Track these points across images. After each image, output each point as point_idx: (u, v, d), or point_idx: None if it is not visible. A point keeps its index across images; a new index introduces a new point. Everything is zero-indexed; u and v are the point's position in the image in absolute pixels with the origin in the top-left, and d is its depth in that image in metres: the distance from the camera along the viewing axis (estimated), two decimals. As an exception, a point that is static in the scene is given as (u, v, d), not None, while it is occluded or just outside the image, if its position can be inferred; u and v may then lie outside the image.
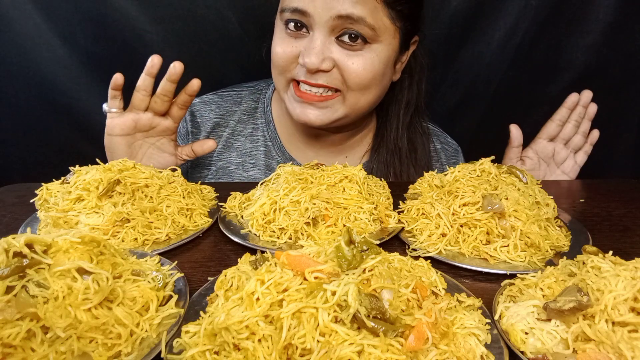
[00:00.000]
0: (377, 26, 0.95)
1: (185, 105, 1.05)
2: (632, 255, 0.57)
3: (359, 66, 0.97)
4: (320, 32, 0.95)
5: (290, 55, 0.99)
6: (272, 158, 1.20)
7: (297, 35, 0.99)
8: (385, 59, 1.00)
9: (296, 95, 1.02)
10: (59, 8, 1.34)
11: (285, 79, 1.03)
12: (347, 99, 1.01)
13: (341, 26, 0.94)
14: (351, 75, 0.98)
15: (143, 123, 1.02)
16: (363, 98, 1.03)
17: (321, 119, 1.03)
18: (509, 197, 0.75)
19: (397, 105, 1.16)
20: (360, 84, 0.99)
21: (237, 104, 1.22)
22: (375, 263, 0.50)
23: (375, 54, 0.98)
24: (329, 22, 0.93)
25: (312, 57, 0.94)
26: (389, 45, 1.00)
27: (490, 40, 1.47)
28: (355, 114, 1.07)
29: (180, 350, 0.50)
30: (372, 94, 1.04)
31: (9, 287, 0.48)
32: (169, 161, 1.08)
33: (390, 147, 1.17)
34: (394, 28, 0.99)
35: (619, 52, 1.43)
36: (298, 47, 0.98)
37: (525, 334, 0.51)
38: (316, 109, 1.02)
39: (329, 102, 1.02)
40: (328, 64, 0.96)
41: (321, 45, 0.95)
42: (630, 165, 1.58)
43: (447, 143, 1.28)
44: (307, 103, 1.02)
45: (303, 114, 1.03)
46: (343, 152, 1.22)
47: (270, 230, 0.77)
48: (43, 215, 0.78)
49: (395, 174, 1.16)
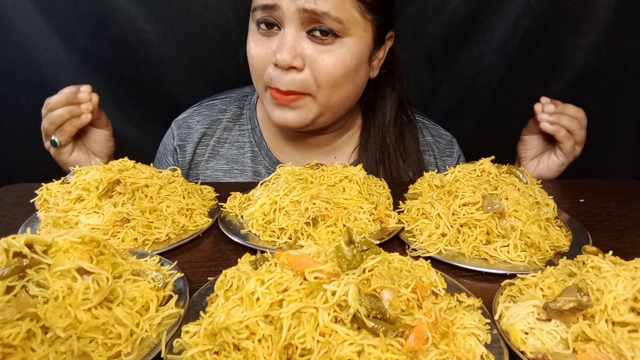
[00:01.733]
0: (344, 18, 0.94)
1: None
2: (632, 255, 0.57)
3: (329, 63, 0.96)
4: (291, 27, 0.95)
5: (265, 57, 0.99)
6: (259, 163, 1.20)
7: (270, 34, 0.99)
8: (358, 54, 0.99)
9: (273, 97, 1.02)
10: (58, 8, 1.34)
11: (263, 83, 1.03)
12: (318, 98, 1.00)
13: (309, 20, 0.94)
14: (322, 73, 0.97)
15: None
16: (335, 95, 1.01)
17: (298, 119, 1.02)
18: (509, 197, 0.75)
19: (381, 102, 1.16)
20: (331, 81, 0.98)
21: (223, 112, 1.22)
22: (375, 263, 0.50)
23: (347, 49, 0.97)
24: (296, 14, 0.93)
25: (283, 53, 0.94)
26: (361, 39, 0.99)
27: (490, 40, 1.47)
28: (331, 112, 1.06)
29: (180, 350, 0.50)
30: (344, 91, 1.03)
31: (9, 287, 0.48)
32: (106, 135, 1.13)
33: (378, 143, 1.16)
34: (364, 21, 0.98)
35: (619, 52, 1.43)
36: (271, 46, 0.98)
37: (525, 334, 0.51)
38: (292, 111, 1.02)
39: (300, 101, 1.01)
40: (299, 61, 0.96)
41: (292, 40, 0.95)
42: (630, 165, 1.58)
43: (440, 135, 1.26)
44: (283, 105, 1.01)
45: (281, 117, 1.03)
46: (332, 153, 1.21)
47: (270, 230, 0.77)
48: (43, 215, 0.78)
49: (385, 170, 1.15)
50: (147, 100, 1.50)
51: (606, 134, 1.49)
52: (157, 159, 1.27)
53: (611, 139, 1.55)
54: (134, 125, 1.52)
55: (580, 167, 1.21)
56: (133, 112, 1.51)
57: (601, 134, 1.18)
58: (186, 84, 1.49)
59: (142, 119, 1.52)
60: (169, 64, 1.46)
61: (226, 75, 1.43)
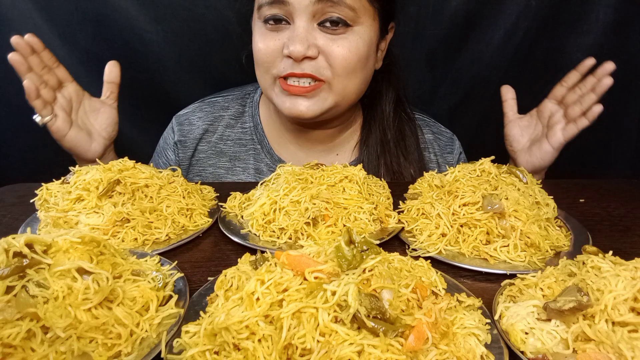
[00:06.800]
0: (356, 6, 0.95)
1: (52, 60, 1.05)
2: (632, 255, 0.57)
3: (344, 49, 0.96)
4: (302, 20, 0.95)
5: (274, 49, 0.98)
6: (261, 161, 1.20)
7: (278, 29, 0.98)
8: (369, 41, 1.00)
9: (283, 89, 1.01)
10: (59, 8, 1.34)
11: (271, 76, 1.02)
12: (334, 86, 1.00)
13: (322, 11, 0.94)
14: (337, 60, 0.97)
15: (66, 104, 1.05)
16: (350, 83, 1.02)
17: (312, 109, 1.01)
18: (509, 197, 0.75)
19: (379, 98, 1.16)
20: (347, 67, 0.98)
21: (225, 109, 1.22)
22: (375, 263, 0.50)
23: (358, 36, 0.98)
24: (309, 7, 0.93)
25: (296, 44, 0.94)
26: (370, 27, 1.00)
27: (490, 40, 1.47)
28: (345, 102, 1.06)
29: (180, 350, 0.50)
30: (358, 78, 1.03)
31: (9, 287, 0.48)
32: (113, 114, 1.12)
33: (379, 137, 1.16)
34: (372, 9, 0.99)
35: (619, 52, 1.43)
36: (281, 39, 0.97)
37: (525, 334, 0.51)
38: (306, 100, 1.01)
39: (316, 91, 1.00)
40: (314, 50, 0.96)
41: (304, 32, 0.95)
42: (630, 165, 1.58)
43: (440, 133, 1.26)
44: (296, 95, 1.00)
45: (294, 107, 1.01)
46: (334, 150, 1.21)
47: (270, 230, 0.77)
48: (43, 215, 0.78)
49: (386, 164, 1.15)
50: (147, 100, 1.50)
51: (606, 134, 1.49)
52: (157, 153, 1.27)
53: (611, 139, 1.55)
54: (134, 125, 1.52)
55: (580, 167, 1.21)
56: (133, 112, 1.51)
57: (601, 134, 1.18)
58: (186, 83, 1.49)
59: (142, 119, 1.52)
60: (169, 64, 1.46)
61: (226, 75, 1.43)
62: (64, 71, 1.06)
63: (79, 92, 1.09)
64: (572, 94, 1.07)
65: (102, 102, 1.12)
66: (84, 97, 1.10)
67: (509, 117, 1.17)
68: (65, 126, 1.04)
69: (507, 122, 1.18)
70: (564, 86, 1.09)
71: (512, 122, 1.17)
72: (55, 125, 1.02)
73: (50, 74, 1.03)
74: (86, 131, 1.09)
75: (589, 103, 1.04)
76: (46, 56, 1.02)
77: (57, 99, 1.04)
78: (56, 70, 1.04)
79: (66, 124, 1.04)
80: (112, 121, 1.12)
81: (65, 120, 1.04)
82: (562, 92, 1.09)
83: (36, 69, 1.00)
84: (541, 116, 1.14)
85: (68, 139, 1.05)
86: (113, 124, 1.13)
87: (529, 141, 1.15)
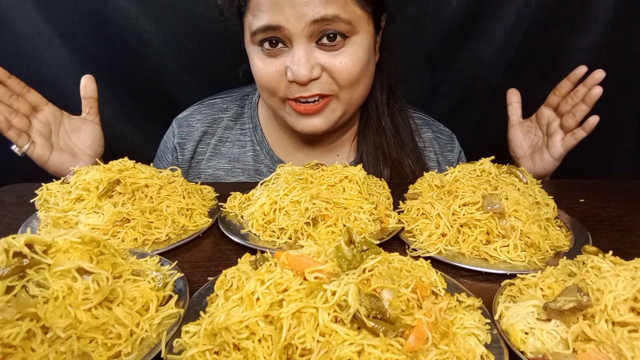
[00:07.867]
0: (352, 19, 0.95)
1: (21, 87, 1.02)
2: (632, 255, 0.57)
3: (347, 63, 0.97)
4: (300, 42, 0.94)
5: (276, 75, 0.99)
6: (261, 162, 1.20)
7: (276, 53, 0.98)
8: (368, 47, 1.01)
9: (295, 111, 1.02)
10: (59, 8, 1.34)
11: (279, 99, 1.03)
12: (342, 97, 1.02)
13: (318, 30, 0.94)
14: (342, 74, 0.98)
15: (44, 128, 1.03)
16: (356, 91, 1.03)
17: (325, 123, 1.04)
18: (509, 197, 0.75)
19: (373, 87, 1.16)
20: (351, 80, 0.99)
21: (224, 111, 1.22)
22: (375, 263, 0.50)
23: (357, 46, 0.98)
24: (305, 29, 0.93)
25: (300, 69, 0.94)
26: (367, 33, 1.00)
27: (490, 40, 1.47)
28: (352, 107, 1.08)
29: (180, 350, 0.50)
30: (363, 84, 1.05)
31: (9, 287, 0.48)
32: (96, 130, 1.10)
33: (375, 126, 1.16)
34: (366, 15, 0.99)
35: (619, 52, 1.43)
36: (281, 64, 0.97)
37: (525, 334, 0.51)
38: (317, 117, 1.03)
39: (326, 106, 1.03)
40: (317, 70, 0.96)
41: (305, 55, 0.95)
42: (630, 165, 1.58)
43: (440, 131, 1.27)
44: (309, 115, 1.02)
45: (309, 125, 1.04)
46: (334, 151, 1.22)
47: (270, 230, 0.77)
48: (43, 215, 0.78)
49: (384, 153, 1.16)
50: (147, 100, 1.50)
51: (606, 134, 1.48)
52: (158, 157, 1.27)
53: (611, 139, 1.55)
54: (134, 125, 1.53)
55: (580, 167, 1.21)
56: (133, 112, 1.51)
57: (601, 134, 1.17)
58: (186, 84, 1.49)
59: (142, 119, 1.52)
60: (169, 64, 1.46)
61: (226, 75, 1.43)
62: (36, 95, 1.03)
63: (56, 113, 1.06)
64: (564, 104, 1.08)
65: (82, 119, 1.10)
66: (63, 117, 1.07)
67: (512, 121, 1.18)
68: (45, 151, 1.02)
69: (510, 127, 1.18)
70: (557, 95, 1.10)
71: (514, 127, 1.18)
72: (35, 152, 1.01)
73: (20, 102, 1.00)
74: (69, 152, 1.07)
75: (582, 114, 1.05)
76: (13, 84, 0.99)
77: (33, 125, 1.02)
78: (27, 95, 1.02)
79: (46, 149, 1.02)
80: (96, 137, 1.10)
81: (44, 146, 1.02)
82: (556, 101, 1.10)
83: (3, 99, 0.97)
84: (539, 123, 1.15)
85: (51, 164, 1.03)
86: (97, 139, 1.11)
87: (530, 148, 1.16)
